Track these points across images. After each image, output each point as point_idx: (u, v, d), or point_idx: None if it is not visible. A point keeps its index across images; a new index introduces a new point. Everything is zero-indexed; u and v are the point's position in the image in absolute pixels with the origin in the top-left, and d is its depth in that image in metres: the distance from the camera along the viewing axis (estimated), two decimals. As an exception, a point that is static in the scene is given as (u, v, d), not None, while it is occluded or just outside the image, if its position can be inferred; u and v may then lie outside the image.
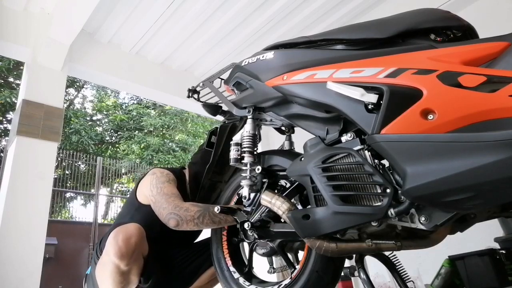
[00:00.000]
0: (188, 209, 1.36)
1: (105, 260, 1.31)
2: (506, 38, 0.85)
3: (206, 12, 3.24)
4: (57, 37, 2.88)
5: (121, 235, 1.28)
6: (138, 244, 1.30)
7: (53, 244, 6.58)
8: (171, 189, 1.48)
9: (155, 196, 1.46)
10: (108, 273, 1.30)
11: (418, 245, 0.98)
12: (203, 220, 1.35)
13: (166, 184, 1.50)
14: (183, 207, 1.37)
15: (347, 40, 1.08)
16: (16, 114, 2.84)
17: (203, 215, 1.35)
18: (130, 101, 12.95)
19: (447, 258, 2.16)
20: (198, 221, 1.35)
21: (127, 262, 1.27)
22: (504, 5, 2.79)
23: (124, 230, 1.30)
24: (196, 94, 1.68)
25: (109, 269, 1.29)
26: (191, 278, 1.64)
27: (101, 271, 1.36)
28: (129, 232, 1.30)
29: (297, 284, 1.19)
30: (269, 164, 1.34)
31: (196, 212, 1.36)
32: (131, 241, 1.28)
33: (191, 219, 1.34)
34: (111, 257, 1.26)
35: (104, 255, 1.32)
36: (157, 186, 1.49)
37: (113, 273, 1.29)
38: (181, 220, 1.34)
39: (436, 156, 0.79)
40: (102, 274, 1.35)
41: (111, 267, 1.28)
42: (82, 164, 10.11)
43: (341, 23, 3.51)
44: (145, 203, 1.53)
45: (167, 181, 1.52)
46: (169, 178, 1.55)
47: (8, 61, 9.29)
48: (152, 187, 1.50)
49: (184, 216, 1.34)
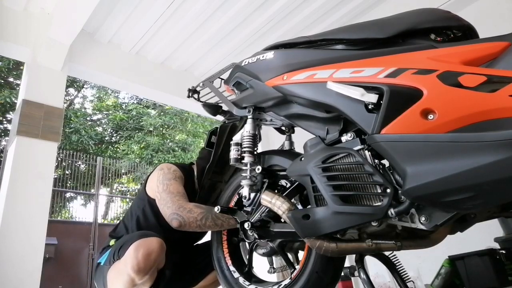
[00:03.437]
0: (192, 211, 1.36)
1: (121, 268, 1.31)
2: (506, 38, 0.85)
3: (206, 12, 3.24)
4: (57, 37, 2.88)
5: (142, 250, 1.26)
6: (157, 261, 1.29)
7: (53, 244, 6.57)
8: (177, 187, 1.48)
9: (161, 193, 1.47)
10: (121, 283, 1.31)
11: (418, 245, 0.98)
12: (206, 222, 1.35)
13: (173, 181, 1.50)
14: (187, 208, 1.38)
15: (347, 40, 1.08)
16: (16, 114, 2.84)
17: (206, 218, 1.36)
18: (130, 101, 12.95)
19: (447, 258, 2.16)
20: (201, 223, 1.35)
21: (142, 277, 1.27)
22: (504, 5, 2.79)
23: (146, 245, 1.28)
24: (196, 94, 1.68)
25: (123, 279, 1.29)
26: (197, 279, 1.65)
27: (114, 277, 1.36)
28: (151, 248, 1.27)
29: (297, 284, 1.19)
30: (269, 164, 1.34)
31: (199, 214, 1.36)
32: (151, 258, 1.26)
33: (194, 221, 1.35)
34: (128, 269, 1.26)
35: (121, 263, 1.31)
36: (164, 182, 1.50)
37: (126, 283, 1.29)
38: (183, 222, 1.35)
39: (436, 156, 0.79)
40: (114, 280, 1.35)
41: (125, 278, 1.28)
42: (82, 164, 10.10)
43: (341, 23, 3.51)
44: (154, 197, 1.54)
45: (174, 178, 1.52)
46: (176, 175, 1.55)
47: (8, 61, 9.29)
48: (159, 183, 1.51)
49: (187, 217, 1.35)
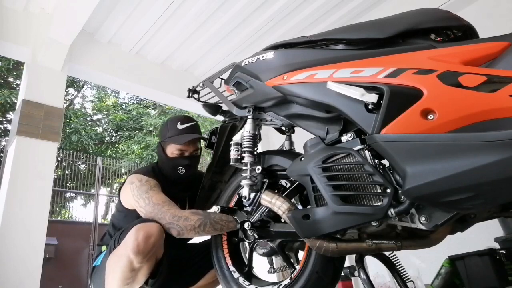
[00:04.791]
0: (188, 218, 1.36)
1: (121, 252, 1.32)
2: (506, 38, 0.85)
3: (206, 12, 3.24)
4: (57, 37, 2.87)
5: (142, 232, 1.28)
6: (155, 245, 1.31)
7: (53, 244, 6.58)
8: (159, 197, 1.46)
9: (145, 207, 1.43)
10: (119, 266, 1.31)
11: (418, 245, 0.98)
12: (204, 228, 1.35)
13: (151, 192, 1.47)
14: (182, 216, 1.37)
15: (347, 40, 1.08)
16: (16, 114, 2.84)
17: (204, 224, 1.35)
18: (130, 101, 12.95)
19: (447, 258, 2.16)
20: (199, 230, 1.35)
21: (141, 259, 1.28)
22: (504, 5, 2.79)
23: (146, 228, 1.31)
24: (196, 94, 1.68)
25: (122, 262, 1.30)
26: (196, 278, 1.65)
27: (113, 261, 1.36)
28: (150, 231, 1.30)
29: (297, 284, 1.19)
30: (269, 164, 1.34)
31: (197, 221, 1.35)
32: (150, 241, 1.28)
33: (192, 228, 1.34)
34: (128, 251, 1.27)
35: (121, 247, 1.33)
36: (142, 197, 1.46)
37: (124, 267, 1.30)
38: (181, 230, 1.35)
39: (436, 156, 0.79)
40: (113, 264, 1.36)
41: (124, 260, 1.29)
42: (82, 164, 10.10)
43: (341, 23, 3.51)
44: (131, 208, 1.52)
45: (150, 189, 1.49)
46: (150, 185, 1.51)
47: (8, 61, 9.29)
48: (138, 199, 1.47)
49: (184, 226, 1.34)
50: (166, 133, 1.69)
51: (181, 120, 1.71)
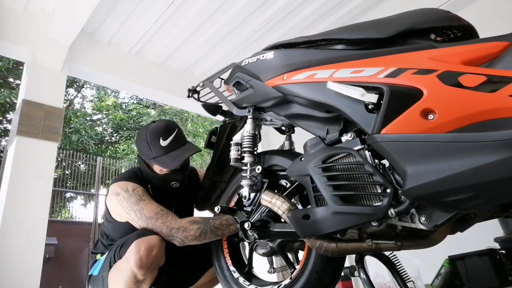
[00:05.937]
0: (187, 229, 1.35)
1: (123, 266, 1.32)
2: (506, 38, 0.85)
3: (206, 12, 3.24)
4: (57, 37, 2.87)
5: (143, 246, 1.28)
6: (158, 256, 1.31)
7: (53, 244, 6.58)
8: (151, 208, 1.40)
9: (138, 222, 1.40)
10: (123, 280, 1.32)
11: (418, 245, 0.98)
12: (206, 236, 1.35)
13: (141, 204, 1.42)
14: (180, 227, 1.35)
15: (347, 40, 1.08)
16: (16, 114, 2.84)
17: (205, 232, 1.35)
18: (130, 100, 12.95)
19: (447, 258, 2.16)
20: (201, 238, 1.35)
21: (145, 272, 1.29)
22: (504, 5, 2.79)
23: (147, 241, 1.30)
24: (196, 94, 1.68)
25: (125, 276, 1.31)
26: (194, 277, 1.65)
27: (116, 275, 1.36)
28: (152, 244, 1.30)
29: (297, 284, 1.19)
30: (269, 164, 1.34)
31: (197, 230, 1.35)
32: (152, 253, 1.29)
33: (193, 238, 1.35)
34: (131, 265, 1.27)
35: (123, 261, 1.33)
36: (133, 209, 1.41)
37: (128, 280, 1.30)
38: (182, 242, 1.35)
39: (436, 156, 0.79)
40: (116, 278, 1.36)
41: (128, 274, 1.30)
42: (82, 164, 10.10)
43: (341, 23, 3.51)
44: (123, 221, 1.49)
45: (139, 200, 1.43)
46: (139, 194, 1.45)
47: (8, 61, 9.29)
48: (129, 211, 1.42)
49: (185, 236, 1.34)
50: (149, 153, 1.52)
51: (162, 134, 1.52)
